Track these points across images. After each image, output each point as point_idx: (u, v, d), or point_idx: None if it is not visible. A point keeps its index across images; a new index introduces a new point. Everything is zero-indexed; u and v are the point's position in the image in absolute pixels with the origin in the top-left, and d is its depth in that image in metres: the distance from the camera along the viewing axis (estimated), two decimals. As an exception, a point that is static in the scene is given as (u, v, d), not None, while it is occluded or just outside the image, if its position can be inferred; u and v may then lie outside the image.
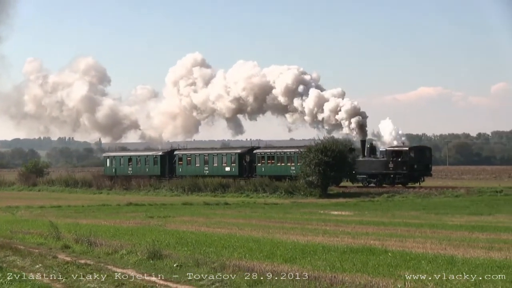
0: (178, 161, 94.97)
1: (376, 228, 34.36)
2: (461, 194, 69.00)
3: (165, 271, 20.50)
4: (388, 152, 79.26)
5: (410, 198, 68.35)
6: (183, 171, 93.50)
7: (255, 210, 54.28)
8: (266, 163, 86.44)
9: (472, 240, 27.21)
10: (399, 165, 77.67)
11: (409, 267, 19.20)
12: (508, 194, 67.43)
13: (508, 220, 40.15)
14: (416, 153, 79.31)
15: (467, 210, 50.08)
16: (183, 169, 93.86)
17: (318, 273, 18.39)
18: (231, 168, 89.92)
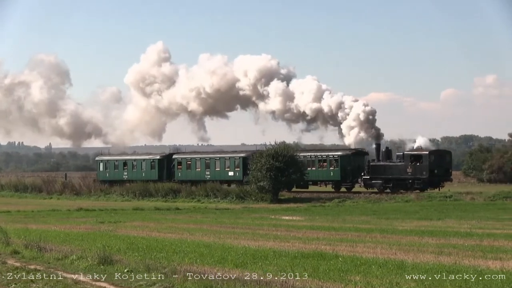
0: (177, 165, 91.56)
1: (327, 233, 34.44)
2: (411, 199, 69.43)
3: (116, 276, 20.37)
4: (406, 156, 75.74)
5: (361, 203, 68.62)
6: (183, 175, 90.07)
7: (206, 215, 54.17)
8: None
9: (422, 245, 27.37)
10: (418, 170, 74.11)
11: (359, 272, 19.28)
12: (457, 199, 68.03)
13: (457, 225, 40.46)
14: (436, 157, 75.74)
15: (417, 215, 50.40)
16: (182, 174, 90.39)
17: (269, 278, 18.39)
18: (235, 172, 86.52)
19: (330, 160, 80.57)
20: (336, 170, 79.73)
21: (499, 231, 34.41)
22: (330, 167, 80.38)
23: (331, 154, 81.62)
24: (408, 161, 74.55)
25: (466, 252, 24.02)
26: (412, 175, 74.18)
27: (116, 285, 19.08)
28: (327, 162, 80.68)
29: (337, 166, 79.69)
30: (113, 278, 20.06)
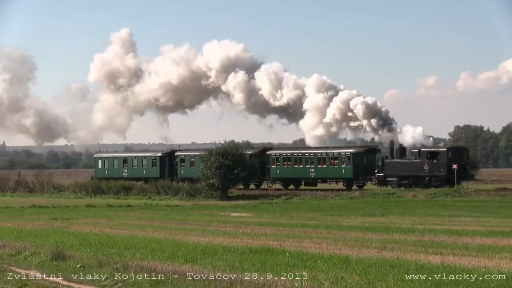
0: (180, 162, 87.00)
1: (275, 229, 34.50)
2: (356, 196, 69.78)
3: (69, 271, 20.26)
4: (422, 153, 71.69)
5: (307, 200, 68.83)
6: (186, 173, 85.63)
7: (157, 212, 54.00)
8: (276, 164, 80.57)
9: (366, 240, 27.53)
10: (436, 167, 70.42)
11: (306, 267, 19.34)
12: (400, 196, 68.48)
13: (399, 221, 40.78)
14: (453, 154, 71.80)
15: (361, 212, 50.70)
16: (185, 171, 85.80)
17: (218, 272, 18.39)
18: None
19: (342, 158, 76.54)
20: (348, 167, 76.03)
21: (440, 227, 34.72)
22: (342, 164, 76.47)
23: (343, 152, 77.47)
24: (425, 158, 71.03)
25: (408, 247, 24.20)
26: (429, 172, 70.76)
27: (68, 280, 18.95)
28: (339, 160, 76.73)
29: (349, 164, 75.92)
30: (65, 273, 19.93)
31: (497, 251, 22.33)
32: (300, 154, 79.82)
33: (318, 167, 77.36)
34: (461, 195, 66.98)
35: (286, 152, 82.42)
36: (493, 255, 21.34)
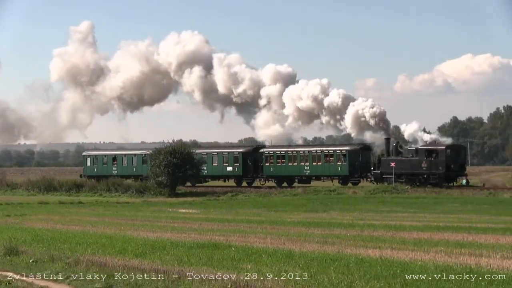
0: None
1: (221, 225, 34.50)
2: (299, 193, 70.05)
3: (21, 266, 20.07)
4: (420, 151, 69.77)
5: (252, 197, 69.00)
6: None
7: (108, 208, 53.71)
8: (270, 162, 78.42)
9: (308, 235, 27.62)
10: (434, 165, 68.44)
11: (251, 261, 19.36)
12: (341, 193, 68.93)
13: (340, 216, 41.02)
14: (452, 152, 69.83)
15: (304, 208, 50.91)
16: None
17: (167, 267, 18.36)
18: (234, 168, 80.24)
19: (338, 155, 74.68)
20: (344, 165, 74.12)
21: (378, 222, 34.98)
22: (338, 162, 74.56)
23: (339, 149, 76.05)
24: (423, 155, 69.21)
25: (348, 242, 24.33)
26: (428, 170, 68.90)
27: (21, 275, 18.75)
28: (334, 157, 74.81)
29: (345, 161, 74.01)
30: (19, 268, 19.74)
31: (432, 245, 22.56)
32: (295, 152, 77.97)
33: (313, 164, 75.62)
34: (398, 192, 67.66)
35: (280, 150, 79.96)
36: (429, 249, 21.56)
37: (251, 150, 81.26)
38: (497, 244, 22.88)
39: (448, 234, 26.60)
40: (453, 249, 21.37)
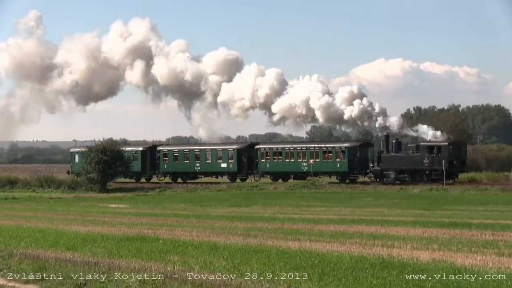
0: (162, 157, 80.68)
1: (149, 219, 34.32)
2: (223, 188, 70.10)
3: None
4: (422, 147, 67.31)
5: (179, 192, 68.82)
6: (169, 167, 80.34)
7: (41, 204, 53.04)
8: (266, 158, 75.34)
9: (232, 228, 27.64)
10: (436, 161, 65.65)
11: (178, 253, 19.29)
12: (262, 189, 69.17)
13: (262, 210, 41.14)
14: (454, 148, 67.46)
15: (228, 203, 50.97)
16: (169, 166, 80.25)
17: (98, 259, 18.20)
18: (229, 164, 77.19)
19: (337, 152, 71.92)
20: (343, 161, 71.36)
21: (298, 215, 35.17)
22: (337, 158, 71.75)
23: (338, 146, 73.30)
24: (425, 152, 66.66)
25: (270, 234, 24.40)
26: (429, 166, 66.34)
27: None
28: (333, 154, 72.04)
29: (344, 158, 71.31)
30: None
31: (348, 237, 22.78)
32: (292, 148, 75.32)
33: (311, 161, 72.92)
34: (316, 187, 68.21)
35: (277, 146, 78.23)
36: (345, 240, 21.76)
37: (246, 147, 78.75)
38: (407, 235, 23.21)
39: (362, 227, 26.88)
40: (367, 240, 21.60)
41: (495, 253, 18.25)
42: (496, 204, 45.09)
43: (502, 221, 28.98)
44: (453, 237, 22.43)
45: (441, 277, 14.15)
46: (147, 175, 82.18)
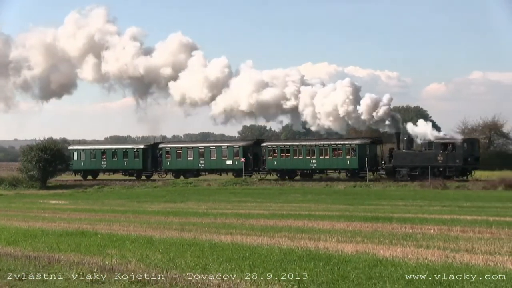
0: (165, 154, 76.70)
1: (88, 215, 33.99)
2: (159, 185, 69.73)
3: None
4: (436, 144, 64.23)
5: (117, 189, 68.23)
6: (172, 165, 76.47)
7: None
8: (273, 155, 71.66)
9: (168, 223, 27.54)
10: (451, 158, 63.34)
11: (115, 246, 19.13)
12: (196, 185, 69.01)
13: (196, 206, 41.05)
14: (468, 145, 64.68)
15: (164, 199, 50.77)
16: (171, 163, 76.42)
17: (38, 253, 17.94)
18: (234, 161, 73.29)
19: (347, 149, 68.54)
20: (353, 158, 67.99)
21: (230, 211, 35.20)
22: (347, 155, 68.48)
23: (348, 143, 69.54)
24: (439, 149, 63.98)
25: (203, 229, 24.37)
26: (444, 163, 63.70)
27: None
28: (343, 151, 68.71)
29: (355, 155, 67.89)
30: None
31: (277, 231, 22.87)
32: (300, 145, 71.36)
33: (320, 158, 69.51)
34: (248, 184, 68.32)
35: (284, 143, 74.30)
36: (274, 234, 21.84)
37: (252, 144, 75.21)
38: (333, 229, 23.40)
39: (290, 221, 27.00)
40: (295, 234, 21.72)
41: (414, 245, 18.51)
42: (415, 199, 45.76)
43: (421, 215, 29.42)
44: (375, 230, 22.70)
45: (364, 267, 14.30)
46: (148, 173, 79.00)
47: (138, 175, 78.79)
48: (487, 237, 20.18)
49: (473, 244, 18.40)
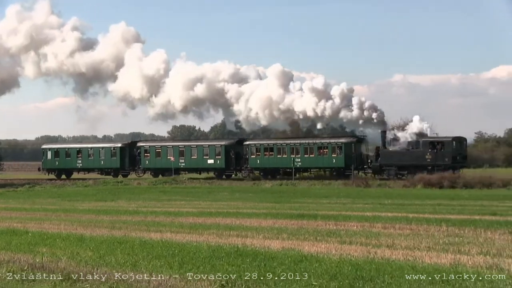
0: (143, 153, 74.65)
1: (19, 213, 33.39)
2: (90, 184, 68.93)
3: None
4: (424, 142, 63.22)
5: (48, 188, 67.19)
6: (151, 164, 74.39)
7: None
8: (256, 154, 70.02)
9: (98, 221, 27.26)
10: (440, 156, 62.28)
11: (46, 245, 18.83)
12: (127, 184, 68.47)
13: (126, 204, 40.74)
14: (457, 143, 63.66)
15: (95, 197, 50.24)
16: (150, 162, 74.33)
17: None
18: (216, 160, 71.44)
19: (333, 147, 67.02)
20: (339, 157, 66.52)
21: (160, 209, 35.03)
22: (333, 154, 67.00)
23: (334, 141, 67.84)
24: (427, 147, 62.92)
25: (133, 226, 24.21)
26: (432, 161, 62.56)
27: None
28: (329, 149, 67.25)
29: (341, 153, 66.51)
30: None
31: (206, 228, 22.83)
32: (284, 144, 69.76)
33: (304, 156, 68.06)
34: (177, 183, 68.10)
35: (268, 142, 72.58)
36: (203, 231, 21.80)
37: (234, 143, 73.18)
38: (260, 226, 23.48)
39: (219, 219, 27.01)
40: (223, 231, 21.71)
41: (337, 241, 18.69)
42: (338, 197, 46.25)
43: (344, 213, 29.73)
44: (300, 227, 22.85)
45: (289, 263, 14.37)
46: (126, 172, 76.89)
47: (115, 174, 76.72)
48: (407, 233, 20.50)
49: (393, 240, 18.67)
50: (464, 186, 56.10)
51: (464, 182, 56.77)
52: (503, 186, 55.22)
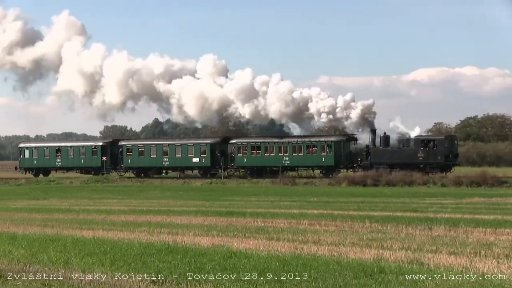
0: (126, 152, 71.22)
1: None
2: (22, 183, 67.69)
3: None
4: (416, 141, 61.71)
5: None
6: (133, 162, 70.96)
7: None
8: (243, 152, 67.28)
9: (31, 219, 26.83)
10: (432, 154, 60.57)
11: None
12: (59, 183, 67.53)
13: (59, 203, 40.17)
14: (449, 142, 62.04)
15: (27, 196, 49.32)
16: (133, 161, 70.89)
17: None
18: (201, 159, 68.34)
19: (322, 146, 64.70)
20: (329, 155, 64.23)
21: (92, 207, 34.68)
22: (322, 152, 64.65)
23: (323, 140, 65.78)
24: (419, 146, 61.18)
25: (66, 224, 23.93)
26: (424, 160, 60.81)
27: None
28: (318, 148, 64.88)
29: (331, 152, 64.19)
30: None
31: (137, 226, 22.70)
32: (272, 142, 67.25)
33: (293, 155, 65.72)
34: (109, 181, 67.46)
35: (255, 140, 69.96)
36: (134, 229, 21.66)
37: (220, 141, 70.28)
38: (190, 224, 23.45)
39: (150, 217, 26.88)
40: (154, 229, 21.61)
41: (265, 237, 18.78)
42: (266, 195, 46.47)
43: (272, 210, 29.92)
44: (230, 224, 22.89)
45: (219, 259, 14.38)
46: (107, 171, 73.14)
47: (96, 173, 73.56)
48: (332, 230, 20.73)
49: (319, 236, 18.85)
50: (386, 184, 57.04)
51: (386, 180, 57.72)
52: (423, 184, 56.27)
